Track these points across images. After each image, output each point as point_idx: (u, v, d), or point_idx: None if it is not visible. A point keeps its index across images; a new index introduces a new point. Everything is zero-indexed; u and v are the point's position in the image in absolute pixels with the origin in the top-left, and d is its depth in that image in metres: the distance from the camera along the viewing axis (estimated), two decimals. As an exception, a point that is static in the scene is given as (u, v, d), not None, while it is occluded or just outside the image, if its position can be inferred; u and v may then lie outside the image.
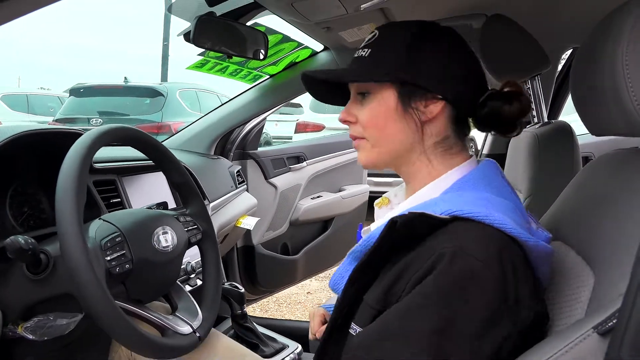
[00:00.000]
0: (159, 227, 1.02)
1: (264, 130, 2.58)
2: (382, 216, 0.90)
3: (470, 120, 0.84)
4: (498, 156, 2.18)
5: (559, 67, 2.09)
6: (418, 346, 0.62)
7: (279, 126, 9.61)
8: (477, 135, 4.59)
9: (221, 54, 1.61)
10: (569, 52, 2.06)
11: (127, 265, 0.93)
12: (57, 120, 6.79)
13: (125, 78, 6.96)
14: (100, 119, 6.56)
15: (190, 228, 1.12)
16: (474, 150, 4.85)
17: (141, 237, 0.98)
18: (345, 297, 0.75)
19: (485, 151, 2.30)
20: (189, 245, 1.11)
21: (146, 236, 0.99)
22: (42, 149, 1.18)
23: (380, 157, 0.83)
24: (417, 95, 0.79)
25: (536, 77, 1.71)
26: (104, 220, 0.98)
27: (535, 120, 1.79)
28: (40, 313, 0.98)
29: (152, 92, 6.69)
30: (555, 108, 2.22)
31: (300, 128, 7.21)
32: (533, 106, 1.73)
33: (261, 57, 1.52)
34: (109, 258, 0.91)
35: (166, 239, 1.02)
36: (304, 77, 0.88)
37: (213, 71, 1.86)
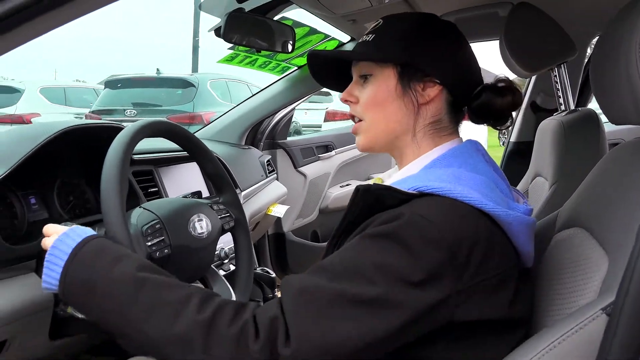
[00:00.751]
0: (194, 215, 1.08)
1: (293, 119, 2.63)
2: None
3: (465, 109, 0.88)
4: (526, 143, 2.19)
5: (588, 54, 2.08)
6: (339, 273, 0.67)
7: (308, 114, 9.66)
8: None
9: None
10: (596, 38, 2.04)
11: (166, 251, 1.00)
12: (93, 112, 7.00)
13: (158, 70, 7.11)
14: (134, 110, 6.74)
15: (223, 216, 1.18)
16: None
17: (178, 224, 1.05)
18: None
19: (512, 138, 2.30)
20: (223, 232, 1.17)
21: (183, 223, 1.06)
22: (85, 142, 1.26)
23: (377, 138, 0.86)
24: (416, 78, 0.83)
25: (562, 65, 1.70)
26: (144, 208, 1.05)
27: (562, 107, 1.78)
28: (88, 294, 1.06)
29: (183, 83, 6.83)
30: (584, 96, 2.21)
31: (330, 116, 7.26)
32: (560, 94, 1.73)
33: (289, 50, 1.56)
34: (149, 243, 0.97)
35: (201, 226, 1.08)
36: (311, 55, 0.92)
37: (243, 64, 1.92)
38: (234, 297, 1.13)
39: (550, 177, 1.58)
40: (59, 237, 0.81)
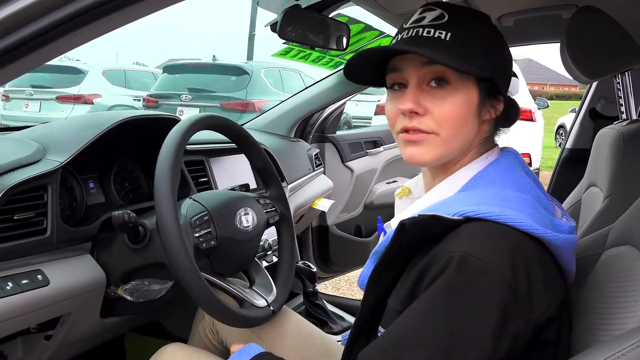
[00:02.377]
0: (241, 209, 1.11)
1: (344, 111, 2.63)
2: (402, 209, 0.91)
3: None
4: (582, 151, 2.11)
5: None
6: (432, 351, 0.63)
7: (359, 106, 9.62)
8: (567, 122, 4.38)
9: (305, 42, 1.68)
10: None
11: (213, 242, 1.03)
12: (151, 95, 7.22)
13: (214, 56, 7.25)
14: (189, 95, 6.91)
15: (269, 210, 1.21)
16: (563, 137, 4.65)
17: (225, 217, 1.08)
18: (366, 300, 0.77)
19: (568, 145, 2.23)
20: (267, 225, 1.20)
21: (230, 216, 1.09)
22: (142, 131, 1.31)
23: (447, 155, 0.78)
24: (491, 93, 0.79)
25: (627, 72, 1.63)
26: (194, 199, 1.09)
27: (624, 116, 1.71)
28: (137, 278, 1.11)
29: (238, 71, 6.93)
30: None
31: (380, 110, 7.19)
32: (622, 102, 1.66)
33: (343, 47, 1.57)
34: (197, 234, 1.01)
35: (247, 219, 1.12)
36: (374, 50, 0.79)
37: (297, 58, 1.94)
38: (274, 290, 1.15)
39: (605, 189, 1.53)
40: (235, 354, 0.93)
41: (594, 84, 2.11)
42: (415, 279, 0.70)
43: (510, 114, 0.83)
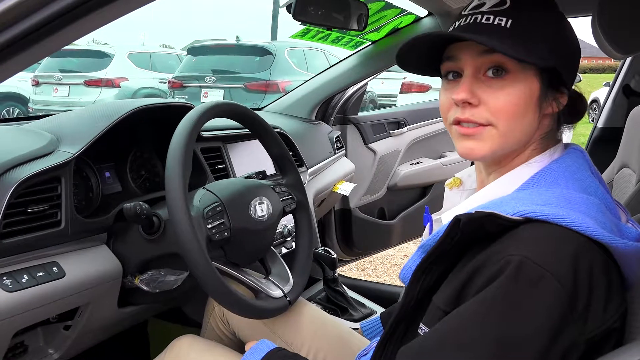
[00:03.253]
0: (256, 198, 1.09)
1: (369, 88, 2.59)
2: (452, 200, 0.88)
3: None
4: (615, 130, 2.02)
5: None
6: (477, 356, 0.61)
7: (385, 84, 9.50)
8: (601, 96, 4.24)
9: (323, 22, 1.63)
10: None
11: (226, 233, 1.02)
12: (175, 78, 7.26)
13: (237, 37, 7.22)
14: (213, 77, 6.92)
15: (285, 198, 1.18)
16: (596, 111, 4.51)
17: (239, 207, 1.06)
18: (409, 295, 0.74)
19: (600, 124, 2.14)
20: (284, 214, 1.18)
21: (244, 206, 1.07)
22: (157, 119, 1.30)
23: (504, 149, 0.73)
24: (554, 85, 0.73)
25: (664, 46, 1.54)
26: (207, 189, 1.07)
27: (660, 93, 1.62)
28: (154, 268, 1.11)
29: (261, 51, 6.90)
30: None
31: (405, 88, 7.08)
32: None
33: (362, 27, 1.52)
34: (209, 226, 1.00)
35: (262, 208, 1.09)
36: (428, 36, 0.74)
37: (316, 39, 1.89)
38: (290, 279, 1.14)
39: (638, 170, 1.46)
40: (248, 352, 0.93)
41: (628, 59, 2.00)
42: (465, 279, 0.66)
43: (576, 108, 0.77)
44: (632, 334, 0.70)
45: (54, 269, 0.98)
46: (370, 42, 2.03)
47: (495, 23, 0.70)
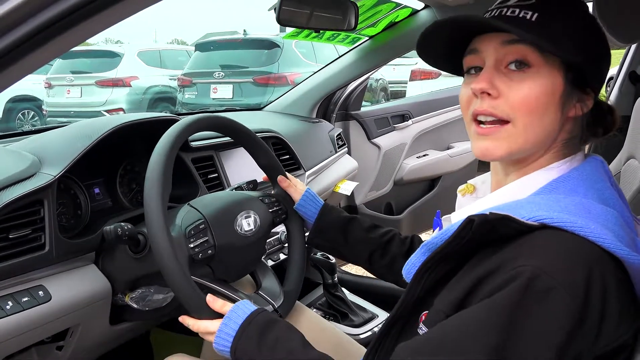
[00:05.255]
0: (242, 212, 1.07)
1: (380, 76, 2.53)
2: (464, 206, 0.84)
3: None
4: (621, 118, 1.95)
5: None
6: None
7: (396, 70, 9.41)
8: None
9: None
10: None
11: (210, 251, 1.00)
12: (185, 74, 7.28)
13: (245, 31, 7.19)
14: (222, 72, 6.91)
15: (274, 209, 1.16)
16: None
17: (224, 223, 1.04)
18: (410, 292, 0.73)
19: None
20: (273, 225, 1.16)
21: (229, 221, 1.05)
22: (146, 130, 1.28)
23: (522, 149, 0.70)
24: (578, 85, 0.70)
25: (669, 32, 1.47)
26: (191, 206, 1.05)
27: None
28: (144, 285, 1.10)
29: (269, 44, 6.88)
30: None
31: (415, 75, 6.98)
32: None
33: (352, 26, 1.48)
34: (192, 245, 0.98)
35: (249, 222, 1.07)
36: (446, 21, 0.71)
37: (309, 38, 1.86)
38: (281, 293, 1.12)
39: (645, 163, 1.40)
40: (228, 315, 0.88)
41: (633, 45, 1.93)
42: (471, 284, 0.64)
43: (604, 118, 0.74)
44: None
45: (40, 292, 0.97)
46: (367, 37, 1.99)
47: (521, 16, 0.69)
